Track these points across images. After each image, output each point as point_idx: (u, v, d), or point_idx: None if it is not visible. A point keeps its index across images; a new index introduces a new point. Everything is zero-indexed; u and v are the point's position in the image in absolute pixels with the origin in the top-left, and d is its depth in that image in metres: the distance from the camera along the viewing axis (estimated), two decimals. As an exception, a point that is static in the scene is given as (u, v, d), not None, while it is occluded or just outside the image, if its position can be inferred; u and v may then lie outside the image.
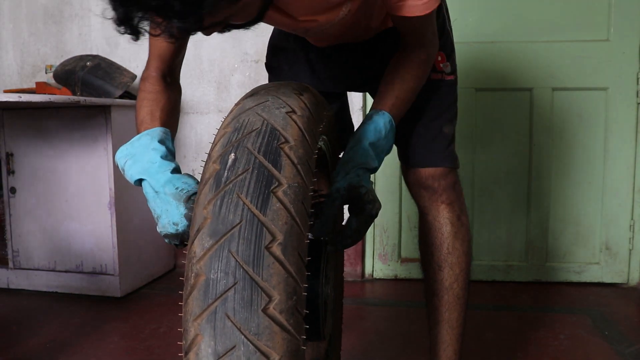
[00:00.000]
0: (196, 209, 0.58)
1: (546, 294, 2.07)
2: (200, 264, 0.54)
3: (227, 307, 0.52)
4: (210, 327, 0.52)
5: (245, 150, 0.59)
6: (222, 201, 0.56)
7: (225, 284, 0.52)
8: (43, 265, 2.10)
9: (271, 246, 0.54)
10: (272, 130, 0.61)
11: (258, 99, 0.67)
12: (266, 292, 0.52)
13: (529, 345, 1.58)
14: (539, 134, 2.14)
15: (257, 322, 0.51)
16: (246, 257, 0.53)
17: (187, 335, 0.54)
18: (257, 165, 0.58)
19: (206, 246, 0.55)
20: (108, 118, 1.94)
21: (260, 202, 0.56)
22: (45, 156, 2.05)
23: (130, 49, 2.40)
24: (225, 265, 0.53)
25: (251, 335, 0.51)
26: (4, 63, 2.56)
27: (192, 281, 0.54)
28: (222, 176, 0.58)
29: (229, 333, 0.51)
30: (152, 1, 0.63)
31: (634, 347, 1.54)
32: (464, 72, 2.16)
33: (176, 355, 1.54)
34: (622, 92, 2.08)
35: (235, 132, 0.62)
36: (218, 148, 0.62)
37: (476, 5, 2.14)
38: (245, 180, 0.57)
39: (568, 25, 2.10)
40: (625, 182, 2.12)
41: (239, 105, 0.68)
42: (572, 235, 2.18)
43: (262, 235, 0.54)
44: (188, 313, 0.54)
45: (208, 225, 0.55)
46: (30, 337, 1.68)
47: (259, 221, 0.55)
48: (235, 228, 0.54)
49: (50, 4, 2.47)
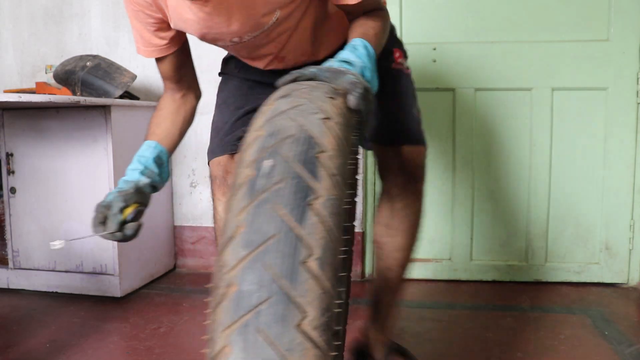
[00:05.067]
0: (227, 215, 0.57)
1: (546, 294, 2.07)
2: (232, 273, 0.52)
3: (259, 320, 0.50)
4: (241, 339, 0.50)
5: (281, 157, 0.57)
6: (257, 210, 0.54)
7: (258, 297, 0.51)
8: (43, 265, 2.10)
9: (307, 261, 0.52)
10: (308, 138, 0.59)
11: (292, 101, 0.65)
12: (300, 308, 0.51)
13: (529, 345, 1.58)
14: (539, 134, 2.14)
15: (290, 338, 0.49)
16: (281, 270, 0.51)
17: (214, 345, 0.52)
18: (294, 175, 0.56)
19: (239, 256, 0.53)
20: (108, 118, 1.94)
21: (297, 214, 0.54)
22: (45, 156, 2.05)
23: (130, 49, 2.40)
24: (260, 278, 0.51)
25: (283, 351, 0.49)
26: (4, 63, 2.56)
27: (222, 290, 0.53)
28: (257, 183, 0.56)
29: (260, 348, 0.49)
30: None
31: (634, 347, 1.54)
32: (464, 72, 2.16)
33: (176, 355, 1.54)
34: (622, 92, 2.08)
35: (269, 136, 0.60)
36: (251, 152, 0.59)
37: (476, 5, 2.14)
38: (281, 190, 0.55)
39: (568, 25, 2.10)
40: (625, 182, 2.12)
41: (272, 107, 0.66)
42: (572, 235, 2.18)
43: (296, 250, 0.52)
44: (217, 322, 0.52)
45: (242, 235, 0.54)
46: (30, 337, 1.68)
47: (295, 234, 0.53)
48: (271, 240, 0.52)
49: (50, 4, 2.47)
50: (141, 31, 1.12)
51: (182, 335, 1.69)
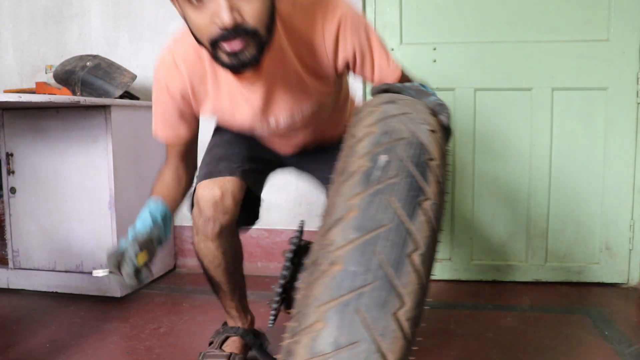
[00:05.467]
0: (336, 198, 0.59)
1: (546, 294, 2.07)
2: (338, 252, 0.54)
3: (360, 302, 0.52)
4: (338, 317, 0.51)
5: (397, 156, 0.60)
6: (372, 199, 0.57)
7: (363, 279, 0.53)
8: (43, 265, 2.10)
9: (413, 255, 0.55)
10: (420, 144, 0.63)
11: (400, 108, 0.69)
12: (400, 297, 0.53)
13: (529, 345, 1.58)
14: (539, 134, 2.14)
15: (385, 324, 0.52)
16: (389, 259, 0.54)
17: (304, 319, 0.53)
18: (408, 174, 0.59)
19: (349, 238, 0.55)
20: (108, 118, 1.94)
21: (409, 210, 0.57)
22: (45, 156, 2.05)
23: (130, 49, 2.40)
24: (367, 262, 0.53)
25: (376, 335, 0.51)
26: (4, 63, 2.56)
27: (324, 267, 0.54)
28: (372, 174, 0.59)
29: (356, 328, 0.51)
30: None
31: (634, 347, 1.54)
32: (464, 72, 2.16)
33: (176, 355, 1.54)
34: (622, 92, 2.08)
35: (383, 134, 0.63)
36: (365, 145, 0.63)
37: (476, 5, 2.14)
38: (396, 185, 0.58)
39: (568, 25, 2.09)
40: (626, 182, 2.12)
41: (380, 109, 0.69)
42: (572, 235, 2.18)
43: (405, 243, 0.55)
44: (312, 297, 0.53)
45: (354, 218, 0.56)
46: (30, 337, 1.68)
47: (406, 228, 0.55)
48: (383, 228, 0.55)
49: (50, 4, 2.47)
50: (168, 118, 1.22)
51: (182, 335, 1.69)
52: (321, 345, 0.51)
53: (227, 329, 1.43)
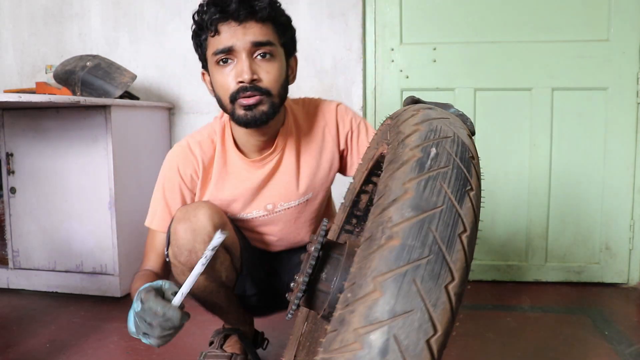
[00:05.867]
0: (390, 182, 0.65)
1: (546, 294, 2.07)
2: (396, 228, 0.59)
3: (416, 273, 0.57)
4: (396, 287, 0.56)
5: (445, 150, 0.67)
6: (426, 183, 0.63)
7: (420, 253, 0.58)
8: (43, 265, 2.10)
9: (462, 235, 0.61)
10: (463, 142, 0.70)
11: (439, 113, 0.77)
12: (451, 272, 0.58)
13: (529, 345, 1.58)
14: (539, 134, 2.14)
15: (437, 295, 0.56)
16: (443, 237, 0.59)
17: (359, 289, 0.57)
18: (456, 166, 0.66)
19: (406, 215, 0.60)
20: (108, 118, 1.94)
21: (458, 196, 0.63)
22: (45, 156, 2.05)
23: (130, 49, 2.40)
24: (424, 237, 0.59)
25: (429, 305, 0.56)
26: (4, 63, 2.56)
27: (381, 241, 0.59)
28: (426, 163, 0.65)
29: (412, 297, 0.56)
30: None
31: (634, 347, 1.54)
32: (464, 72, 2.16)
33: (176, 355, 1.54)
34: (622, 92, 2.08)
35: (430, 132, 0.70)
36: (415, 139, 0.70)
37: (476, 5, 2.14)
38: (446, 174, 0.64)
39: (568, 25, 2.10)
40: (625, 182, 2.12)
41: (422, 112, 0.76)
42: (571, 235, 2.18)
43: (457, 224, 0.61)
44: (368, 269, 0.58)
45: (410, 199, 0.62)
46: (30, 337, 1.68)
47: (457, 211, 0.62)
48: (437, 209, 0.61)
49: (50, 3, 2.47)
50: (170, 200, 1.25)
51: (182, 335, 1.68)
52: (377, 313, 0.55)
53: (227, 328, 1.43)
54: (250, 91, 1.09)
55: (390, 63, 2.20)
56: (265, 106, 1.11)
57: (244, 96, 1.09)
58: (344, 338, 0.56)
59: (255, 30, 1.09)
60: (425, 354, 0.55)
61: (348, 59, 2.22)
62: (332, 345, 0.58)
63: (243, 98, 1.10)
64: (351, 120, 1.32)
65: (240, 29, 1.08)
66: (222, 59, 1.10)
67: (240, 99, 1.10)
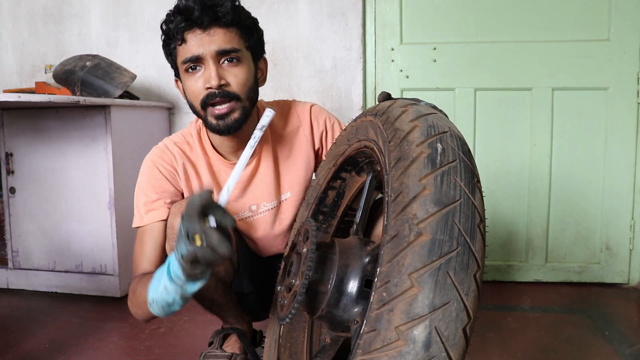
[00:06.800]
0: (405, 179, 0.67)
1: (546, 294, 2.07)
2: (422, 224, 0.61)
3: (449, 266, 0.59)
4: (432, 281, 0.58)
5: (449, 145, 0.70)
6: (442, 178, 0.65)
7: (450, 246, 0.60)
8: (42, 265, 2.10)
9: (480, 225, 0.64)
10: (458, 136, 0.73)
11: (426, 109, 0.79)
12: (477, 261, 0.61)
13: (529, 345, 1.58)
14: (539, 134, 2.14)
15: (469, 284, 0.60)
16: (466, 228, 0.62)
17: (395, 287, 0.59)
18: (461, 159, 0.69)
19: (430, 211, 0.62)
20: (108, 118, 1.94)
21: (470, 188, 0.66)
22: (44, 156, 2.04)
23: (130, 49, 2.40)
24: (451, 231, 0.61)
25: (463, 294, 0.59)
26: (3, 63, 2.56)
27: (410, 238, 0.61)
28: (436, 159, 0.67)
29: (448, 289, 0.58)
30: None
31: (634, 348, 1.54)
32: (464, 72, 2.16)
33: (176, 355, 1.54)
34: (622, 92, 2.08)
35: (429, 127, 0.73)
36: (417, 136, 0.71)
37: (476, 5, 2.14)
38: (457, 168, 0.67)
39: (568, 25, 2.09)
40: (626, 182, 2.12)
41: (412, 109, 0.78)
42: (572, 235, 2.18)
43: (474, 214, 0.64)
44: (402, 265, 0.60)
45: (431, 194, 0.64)
46: (30, 337, 1.68)
47: (472, 202, 0.65)
48: (457, 203, 0.63)
49: (49, 3, 2.47)
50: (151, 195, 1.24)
51: (182, 335, 1.68)
52: (418, 308, 0.57)
53: (226, 328, 1.43)
54: (220, 97, 1.11)
55: (391, 63, 2.20)
56: (236, 113, 1.14)
57: (213, 103, 1.12)
58: (385, 337, 0.58)
59: (220, 37, 1.10)
60: (462, 342, 0.60)
61: (348, 59, 2.22)
62: (372, 345, 0.58)
63: (214, 107, 1.12)
64: (325, 120, 1.34)
65: (205, 36, 1.10)
66: (191, 66, 1.12)
67: (210, 106, 1.13)
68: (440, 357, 0.57)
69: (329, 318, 0.84)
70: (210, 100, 1.12)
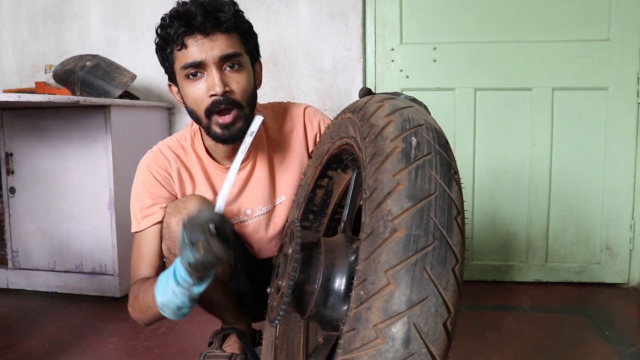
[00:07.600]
0: (379, 176, 0.66)
1: (546, 294, 2.07)
2: (397, 220, 0.61)
3: (425, 261, 0.59)
4: (409, 277, 0.58)
5: (424, 138, 0.69)
6: (416, 172, 0.64)
7: (425, 241, 0.60)
8: (42, 265, 2.10)
9: (457, 218, 0.63)
10: (435, 129, 0.72)
11: (403, 102, 0.78)
12: (455, 254, 0.60)
13: (529, 345, 1.58)
14: (539, 134, 2.14)
15: (447, 278, 0.59)
16: (442, 222, 0.61)
17: (371, 285, 0.59)
18: (437, 152, 0.67)
19: (405, 206, 0.62)
20: (108, 118, 1.94)
21: (446, 180, 0.65)
22: (44, 156, 2.04)
23: (130, 49, 2.40)
24: (426, 226, 0.60)
25: (441, 289, 0.58)
26: (3, 63, 2.56)
27: (385, 234, 0.60)
28: (410, 153, 0.67)
29: (425, 285, 0.58)
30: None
31: (634, 348, 1.54)
32: (464, 72, 2.16)
33: (176, 355, 1.54)
34: (622, 91, 2.08)
35: (405, 121, 0.72)
36: (392, 130, 0.71)
37: (476, 5, 2.14)
38: (431, 161, 0.66)
39: (568, 25, 2.09)
40: (626, 182, 2.12)
41: (389, 103, 0.77)
42: (572, 235, 2.18)
43: (451, 207, 0.63)
44: (378, 263, 0.59)
45: (405, 190, 0.63)
46: (30, 337, 1.68)
47: (448, 195, 0.64)
48: (432, 196, 0.63)
49: (49, 3, 2.47)
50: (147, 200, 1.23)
51: (181, 335, 1.69)
52: (395, 305, 0.57)
53: (226, 328, 1.43)
54: (224, 104, 1.10)
55: (391, 63, 2.20)
56: (240, 122, 1.13)
57: (218, 110, 1.10)
58: (364, 335, 0.57)
59: (222, 43, 1.09)
60: (443, 337, 0.57)
61: (348, 59, 2.22)
62: (352, 344, 0.58)
63: (219, 116, 1.11)
64: (319, 122, 1.33)
65: (207, 42, 1.08)
66: (192, 72, 1.10)
67: (215, 115, 1.11)
68: (421, 353, 0.56)
69: (318, 318, 0.84)
70: (215, 108, 1.10)
